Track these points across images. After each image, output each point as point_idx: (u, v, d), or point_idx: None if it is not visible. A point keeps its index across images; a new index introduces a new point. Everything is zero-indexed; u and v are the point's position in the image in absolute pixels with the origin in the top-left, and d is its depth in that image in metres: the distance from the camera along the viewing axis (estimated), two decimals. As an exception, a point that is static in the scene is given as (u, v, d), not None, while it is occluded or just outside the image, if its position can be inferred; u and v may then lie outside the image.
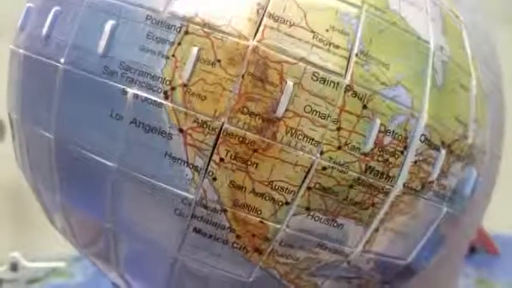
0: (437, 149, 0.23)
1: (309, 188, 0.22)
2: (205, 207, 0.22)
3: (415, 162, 0.23)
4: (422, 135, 0.23)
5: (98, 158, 0.22)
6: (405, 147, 0.22)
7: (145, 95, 0.21)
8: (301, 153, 0.21)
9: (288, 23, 0.21)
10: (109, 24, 0.22)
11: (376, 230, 0.23)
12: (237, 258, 0.23)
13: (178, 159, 0.21)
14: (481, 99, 0.26)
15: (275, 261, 0.23)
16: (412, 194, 0.23)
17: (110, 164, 0.22)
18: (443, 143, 0.23)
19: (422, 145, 0.23)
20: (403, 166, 0.22)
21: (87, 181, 0.23)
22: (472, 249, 0.52)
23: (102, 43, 0.22)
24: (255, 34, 0.21)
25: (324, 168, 0.21)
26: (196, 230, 0.22)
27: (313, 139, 0.21)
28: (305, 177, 0.21)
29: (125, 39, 0.22)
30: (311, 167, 0.21)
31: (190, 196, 0.22)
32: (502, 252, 0.52)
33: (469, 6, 0.29)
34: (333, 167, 0.21)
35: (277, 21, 0.21)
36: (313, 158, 0.21)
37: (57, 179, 0.25)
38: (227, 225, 0.22)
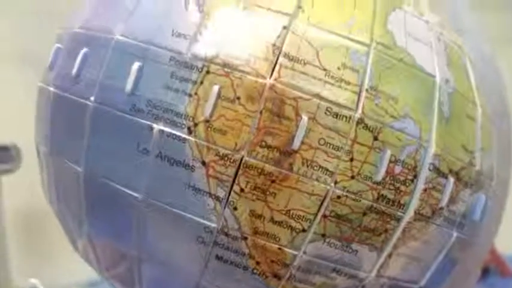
0: (446, 177, 0.24)
1: (324, 216, 0.23)
2: (227, 235, 0.23)
3: (425, 189, 0.24)
4: (431, 164, 0.24)
5: (125, 190, 0.24)
6: (415, 176, 0.24)
7: (170, 130, 0.23)
8: (316, 183, 0.22)
9: (302, 61, 0.23)
10: (135, 65, 0.23)
11: (390, 255, 0.24)
12: (257, 283, 0.24)
13: (201, 190, 0.23)
14: (486, 127, 0.27)
15: (293, 286, 0.24)
16: (423, 220, 0.24)
17: (136, 195, 0.24)
18: (451, 171, 0.25)
19: (431, 173, 0.24)
20: (413, 194, 0.24)
21: (114, 211, 0.25)
22: (486, 271, 0.53)
23: (130, 83, 0.23)
24: (272, 73, 0.22)
25: (339, 197, 0.23)
26: (218, 257, 0.23)
27: (327, 170, 0.22)
28: (320, 205, 0.23)
29: (151, 79, 0.23)
30: (326, 195, 0.23)
31: (213, 225, 0.23)
32: (516, 274, 0.52)
33: (473, 36, 0.31)
34: (347, 196, 0.23)
35: (291, 60, 0.23)
36: (328, 187, 0.23)
37: (84, 209, 0.26)
38: (247, 252, 0.23)
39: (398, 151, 0.23)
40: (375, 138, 0.23)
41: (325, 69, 0.23)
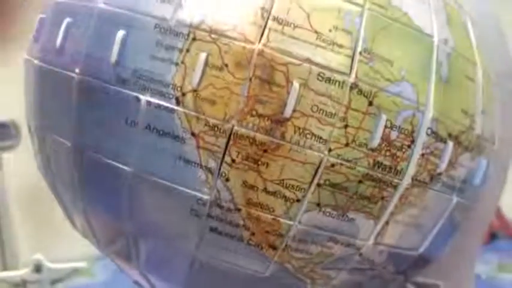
0: (445, 142, 0.24)
1: (318, 185, 0.22)
2: (220, 206, 0.23)
3: (423, 155, 0.23)
4: (429, 128, 0.23)
5: (115, 163, 0.23)
6: (412, 141, 0.23)
7: (157, 101, 0.22)
8: (309, 151, 0.22)
9: (292, 25, 0.22)
10: (120, 34, 0.23)
11: (387, 222, 0.24)
12: (253, 254, 0.23)
13: (192, 161, 0.22)
14: (488, 88, 0.27)
15: (289, 256, 0.24)
16: (421, 186, 0.24)
17: (126, 168, 0.23)
18: (450, 135, 0.24)
19: (429, 138, 0.23)
20: (410, 160, 0.23)
21: (106, 185, 0.24)
22: (493, 236, 0.53)
23: (114, 52, 0.23)
24: (260, 38, 0.21)
25: (333, 165, 0.22)
26: (212, 229, 0.23)
27: (321, 137, 0.22)
28: (314, 174, 0.22)
29: (136, 48, 0.22)
30: (320, 164, 0.22)
31: (205, 197, 0.22)
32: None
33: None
34: (341, 164, 0.22)
35: (281, 23, 0.22)
36: (322, 155, 0.22)
37: (77, 184, 0.26)
38: (242, 223, 0.23)
39: (394, 116, 0.22)
40: (370, 103, 0.22)
41: (316, 32, 0.22)
